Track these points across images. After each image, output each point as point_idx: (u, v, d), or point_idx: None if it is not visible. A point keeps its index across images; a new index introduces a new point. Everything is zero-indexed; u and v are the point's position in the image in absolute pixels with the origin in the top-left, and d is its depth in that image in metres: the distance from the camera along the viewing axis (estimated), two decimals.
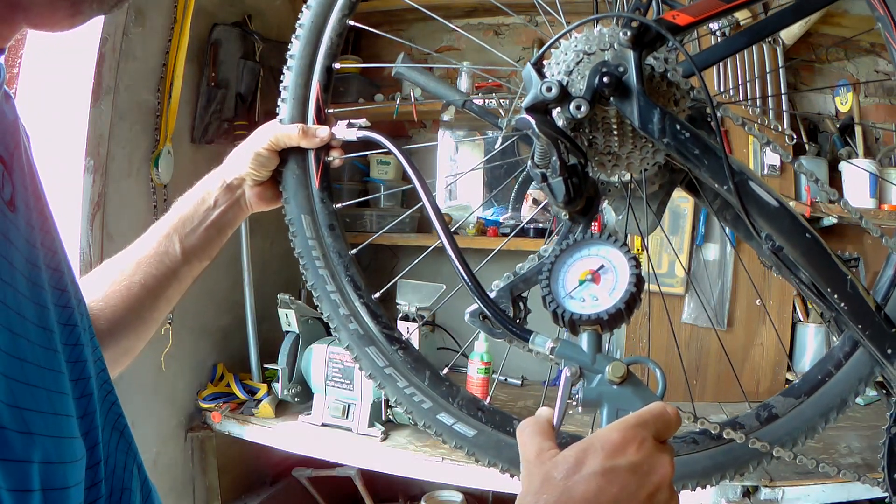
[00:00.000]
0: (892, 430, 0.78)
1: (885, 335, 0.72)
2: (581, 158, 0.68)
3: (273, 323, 1.98)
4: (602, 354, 0.58)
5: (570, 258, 0.61)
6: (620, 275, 0.59)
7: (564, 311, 0.58)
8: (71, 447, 0.43)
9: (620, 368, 0.56)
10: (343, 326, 0.86)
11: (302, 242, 0.87)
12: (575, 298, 0.59)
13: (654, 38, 0.67)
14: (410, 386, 0.84)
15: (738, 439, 0.78)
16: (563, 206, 0.69)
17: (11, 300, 0.41)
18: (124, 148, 1.69)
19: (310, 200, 0.87)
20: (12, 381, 0.38)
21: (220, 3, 2.00)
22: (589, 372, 0.57)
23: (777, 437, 0.80)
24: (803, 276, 0.74)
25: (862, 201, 1.92)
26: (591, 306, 0.58)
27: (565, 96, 0.66)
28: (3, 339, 0.39)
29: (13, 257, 0.43)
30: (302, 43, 0.88)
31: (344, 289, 0.86)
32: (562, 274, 0.61)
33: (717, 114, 0.69)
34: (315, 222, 0.87)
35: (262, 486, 2.17)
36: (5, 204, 0.44)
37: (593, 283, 0.59)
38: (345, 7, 0.86)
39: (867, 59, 2.13)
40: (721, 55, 0.79)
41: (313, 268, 0.87)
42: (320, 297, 0.87)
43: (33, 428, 0.39)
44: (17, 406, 0.38)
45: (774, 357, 2.00)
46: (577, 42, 0.71)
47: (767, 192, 0.71)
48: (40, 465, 0.39)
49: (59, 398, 0.43)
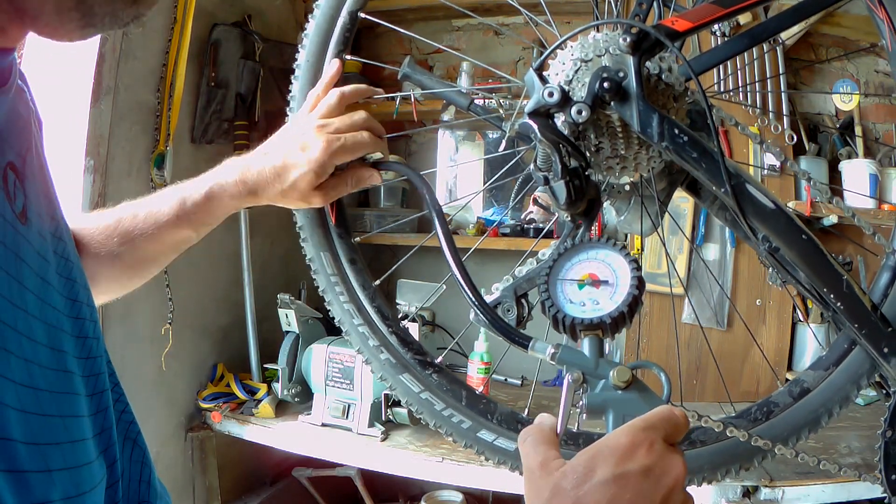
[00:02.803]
0: (888, 434, 0.79)
1: (882, 334, 0.73)
2: (582, 162, 0.68)
3: (273, 323, 1.98)
4: (605, 359, 0.57)
5: (569, 261, 0.60)
6: (621, 277, 0.58)
7: (565, 315, 0.57)
8: (90, 473, 0.42)
9: (625, 373, 0.55)
10: (374, 357, 0.87)
11: (324, 279, 0.88)
12: (575, 303, 0.58)
13: (653, 44, 0.67)
14: (448, 408, 0.85)
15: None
16: (565, 208, 0.70)
17: (23, 325, 0.40)
18: (124, 148, 1.69)
19: (328, 237, 0.87)
20: (29, 415, 0.37)
21: (220, 3, 2.00)
22: (592, 378, 0.56)
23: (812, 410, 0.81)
24: (801, 276, 0.75)
25: (862, 201, 1.92)
26: (592, 310, 0.57)
27: (566, 101, 0.67)
28: (19, 370, 0.37)
29: (24, 277, 0.42)
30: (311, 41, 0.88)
31: (371, 320, 0.87)
32: (561, 278, 0.60)
33: (713, 117, 0.70)
34: (336, 258, 0.87)
35: (262, 486, 2.17)
36: (17, 217, 0.42)
37: (593, 287, 0.58)
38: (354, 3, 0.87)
39: (867, 59, 2.13)
40: (721, 58, 0.79)
41: (338, 303, 0.87)
42: (349, 332, 0.88)
43: (52, 464, 0.38)
44: (36, 443, 0.37)
45: (774, 357, 2.00)
46: (574, 50, 0.72)
47: (764, 194, 0.72)
48: (62, 501, 0.38)
49: (75, 423, 0.43)
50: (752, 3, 0.69)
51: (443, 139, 2.50)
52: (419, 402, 0.85)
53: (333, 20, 0.87)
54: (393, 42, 2.59)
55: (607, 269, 0.58)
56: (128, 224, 0.78)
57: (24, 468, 0.35)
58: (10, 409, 0.35)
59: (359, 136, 0.78)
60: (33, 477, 0.36)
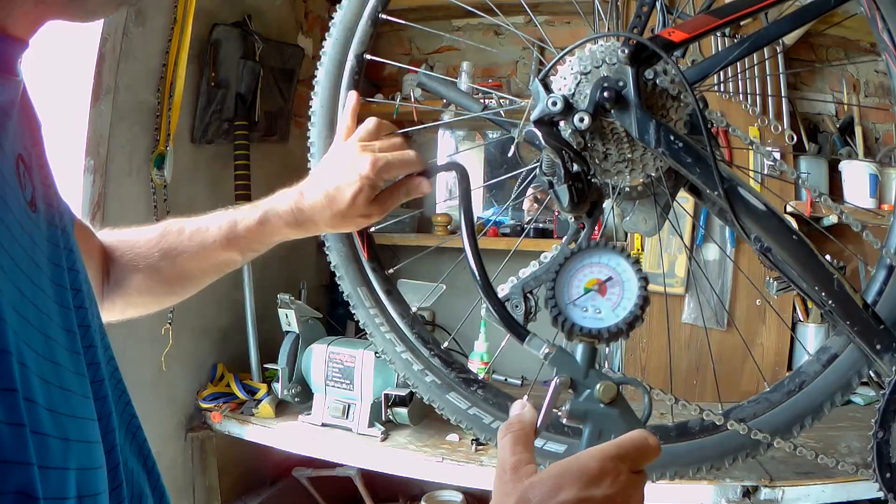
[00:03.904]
0: (879, 435, 0.80)
1: (874, 331, 0.76)
2: (584, 167, 0.71)
3: (273, 323, 1.98)
4: (595, 370, 0.57)
5: (581, 263, 0.59)
6: (627, 291, 0.57)
7: (566, 318, 0.57)
8: (98, 452, 0.43)
9: (611, 390, 0.55)
10: (420, 381, 0.90)
11: (363, 313, 0.91)
12: (578, 307, 0.58)
13: (650, 55, 0.71)
14: (496, 420, 0.88)
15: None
16: (569, 211, 0.72)
17: (42, 304, 0.41)
18: (124, 148, 1.69)
19: (362, 272, 0.91)
20: (50, 385, 0.38)
21: (220, 3, 2.00)
22: (579, 385, 0.57)
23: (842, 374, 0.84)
24: (794, 274, 0.77)
25: (862, 201, 1.92)
26: (593, 319, 0.57)
27: (570, 110, 0.70)
28: (39, 343, 0.39)
29: (39, 259, 0.43)
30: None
31: (414, 346, 0.91)
32: (568, 278, 0.59)
33: (707, 123, 0.73)
34: (372, 292, 0.91)
35: (262, 486, 2.18)
36: (27, 204, 0.44)
37: (599, 294, 0.58)
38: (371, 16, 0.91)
39: (867, 59, 2.13)
40: (721, 64, 0.81)
41: (380, 334, 0.91)
42: (393, 360, 0.91)
43: (69, 434, 0.39)
44: (55, 411, 0.38)
45: (774, 357, 2.01)
46: (574, 64, 0.75)
47: (756, 197, 0.74)
48: (77, 471, 0.39)
49: (86, 402, 0.44)
50: (748, 13, 0.71)
51: (443, 139, 2.51)
52: (468, 418, 0.89)
53: (341, 64, 0.90)
54: (393, 42, 2.59)
55: (616, 280, 0.58)
56: (173, 239, 0.80)
57: (46, 432, 0.36)
58: (33, 374, 0.36)
59: (403, 154, 0.83)
60: (53, 441, 0.37)
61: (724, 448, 0.88)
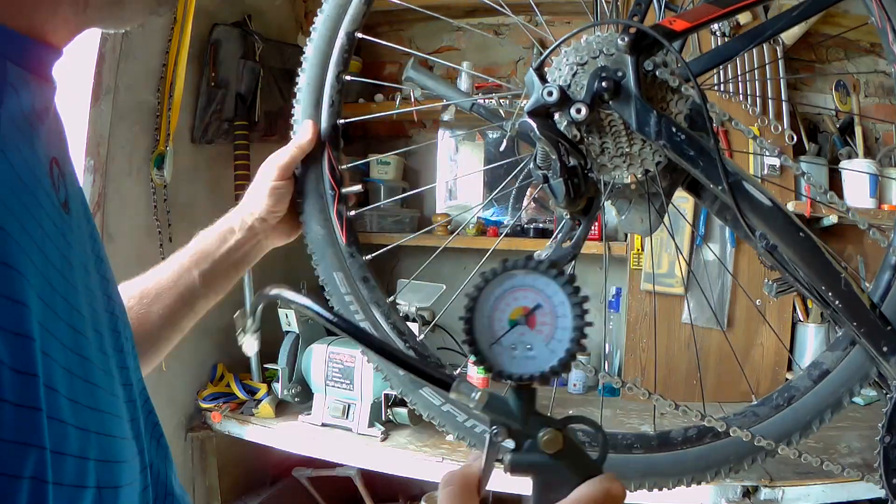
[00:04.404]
0: (886, 440, 0.79)
1: (881, 333, 0.74)
2: (581, 160, 0.69)
3: (273, 323, 1.98)
4: (536, 415, 0.48)
5: (501, 288, 0.48)
6: (561, 320, 0.47)
7: (490, 364, 0.47)
8: (122, 447, 0.44)
9: (555, 442, 0.47)
10: (393, 373, 0.88)
11: (339, 300, 0.89)
12: (504, 346, 0.47)
13: (651, 44, 0.68)
14: (469, 419, 0.85)
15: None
16: (565, 207, 0.70)
17: (73, 300, 0.41)
18: (124, 148, 1.69)
19: (340, 258, 0.88)
20: (74, 376, 0.39)
21: (220, 3, 2.00)
22: (520, 435, 0.48)
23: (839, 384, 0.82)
24: (799, 274, 0.75)
25: (862, 201, 1.92)
26: (523, 361, 0.47)
27: (566, 100, 0.67)
28: (67, 335, 0.39)
29: (72, 257, 0.43)
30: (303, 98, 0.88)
31: (388, 337, 0.88)
32: (487, 311, 0.48)
33: (711, 116, 0.70)
34: (349, 278, 0.88)
35: (262, 486, 2.17)
36: (61, 205, 0.44)
37: (527, 327, 0.47)
38: (340, 63, 0.87)
39: (867, 59, 2.13)
40: (721, 59, 0.79)
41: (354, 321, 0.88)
42: (366, 350, 0.89)
43: (90, 425, 0.39)
44: (77, 402, 0.38)
45: (774, 357, 2.00)
46: (569, 55, 0.72)
47: (761, 192, 0.72)
48: (96, 462, 0.39)
49: (113, 399, 0.44)
50: (751, 3, 0.69)
51: (443, 139, 2.50)
52: (441, 414, 0.86)
53: (331, 42, 0.87)
54: (393, 42, 2.59)
55: (547, 307, 0.47)
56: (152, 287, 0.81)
57: (65, 420, 0.36)
58: (58, 364, 0.37)
59: None
60: (71, 430, 0.37)
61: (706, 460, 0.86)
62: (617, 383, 0.89)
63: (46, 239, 0.39)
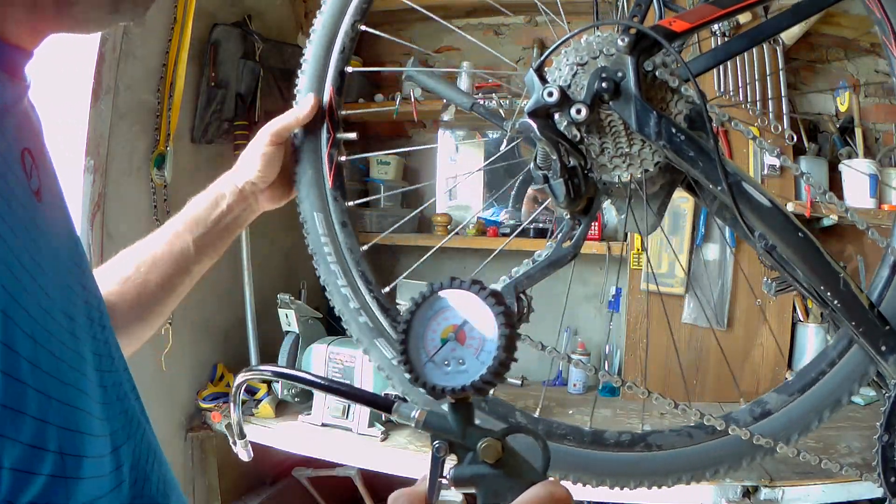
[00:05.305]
0: (884, 439, 0.79)
1: (879, 332, 0.74)
2: (581, 161, 0.69)
3: (273, 323, 1.98)
4: (474, 427, 0.50)
5: (431, 310, 0.51)
6: (488, 332, 0.49)
7: (425, 381, 0.50)
8: (89, 422, 0.45)
9: (493, 450, 0.48)
10: (353, 319, 0.88)
11: (315, 239, 0.89)
12: (437, 363, 0.50)
13: (651, 45, 0.68)
14: None
15: (742, 436, 0.79)
16: (565, 207, 0.70)
17: (41, 279, 0.42)
18: (124, 148, 1.69)
19: (323, 199, 0.89)
20: (39, 346, 0.40)
21: (220, 3, 2.00)
22: (460, 448, 0.50)
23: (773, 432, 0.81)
24: (798, 274, 0.75)
25: (862, 201, 1.92)
26: (456, 374, 0.49)
27: (566, 101, 0.67)
28: (33, 308, 0.40)
29: (42, 242, 0.45)
30: (315, 45, 0.89)
31: (355, 283, 0.88)
32: (421, 332, 0.51)
33: (710, 117, 0.71)
34: (328, 220, 0.89)
35: (262, 486, 2.17)
36: (34, 194, 0.46)
37: (458, 343, 0.50)
38: (356, 13, 0.88)
39: (867, 59, 2.13)
40: (720, 59, 0.79)
41: (325, 263, 0.89)
42: (332, 292, 0.89)
43: (52, 392, 0.40)
44: (39, 367, 0.39)
45: (774, 357, 2.00)
46: (569, 55, 0.72)
47: (760, 193, 0.72)
48: (58, 428, 0.40)
49: (79, 377, 0.45)
50: (751, 4, 0.69)
51: (443, 139, 2.50)
52: (391, 368, 0.86)
53: (337, 24, 0.88)
54: (393, 42, 2.59)
55: (474, 321, 0.50)
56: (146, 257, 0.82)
57: (25, 381, 0.38)
58: (19, 329, 0.38)
59: None
60: (31, 392, 0.38)
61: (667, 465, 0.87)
62: (617, 382, 0.89)
63: (15, 217, 0.41)
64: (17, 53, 0.46)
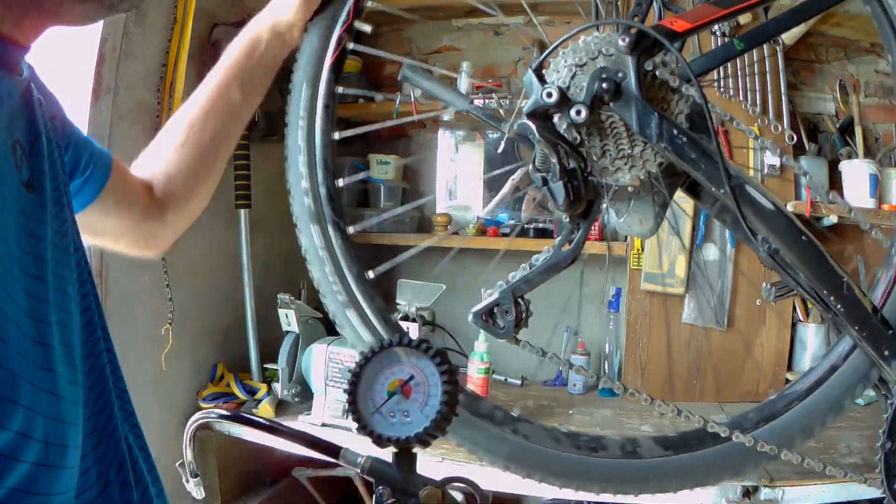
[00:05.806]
0: (887, 446, 0.78)
1: (882, 336, 0.73)
2: (581, 163, 0.68)
3: (273, 323, 1.98)
4: (416, 476, 0.54)
5: (380, 364, 0.55)
6: (432, 388, 0.53)
7: (371, 430, 0.54)
8: (72, 410, 0.46)
9: (434, 497, 0.52)
10: (298, 194, 0.92)
11: (294, 113, 0.92)
12: (383, 414, 0.54)
13: (651, 45, 0.68)
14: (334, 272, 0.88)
15: (746, 443, 0.79)
16: (564, 210, 0.70)
17: (27, 267, 0.44)
18: (124, 148, 1.68)
19: (317, 74, 0.91)
20: (27, 336, 0.42)
21: (220, 3, 1.99)
22: (402, 495, 0.53)
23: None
24: (801, 278, 0.75)
25: (862, 201, 1.92)
26: (400, 425, 0.53)
27: (565, 102, 0.67)
28: (21, 299, 0.42)
29: (37, 231, 0.47)
30: None
31: (314, 165, 0.91)
32: (370, 383, 0.55)
33: (713, 119, 0.70)
34: (313, 97, 0.91)
35: (262, 486, 2.17)
36: (24, 184, 0.47)
37: (403, 397, 0.54)
38: None
39: (867, 59, 2.13)
40: (721, 59, 0.79)
41: (293, 134, 0.92)
42: (290, 165, 0.92)
43: (39, 382, 0.42)
44: (26, 357, 0.41)
45: (774, 357, 2.00)
46: (567, 56, 0.72)
47: (763, 196, 0.71)
48: (44, 418, 0.41)
49: (69, 367, 0.47)
50: (751, 4, 0.69)
51: (443, 139, 2.50)
52: (360, 341, 0.88)
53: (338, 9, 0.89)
54: (393, 42, 2.58)
55: (419, 378, 0.54)
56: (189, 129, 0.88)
57: (12, 369, 0.39)
58: (10, 320, 0.39)
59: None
60: (20, 381, 0.39)
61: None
62: (618, 389, 0.88)
63: (3, 208, 0.43)
64: (13, 48, 0.47)
